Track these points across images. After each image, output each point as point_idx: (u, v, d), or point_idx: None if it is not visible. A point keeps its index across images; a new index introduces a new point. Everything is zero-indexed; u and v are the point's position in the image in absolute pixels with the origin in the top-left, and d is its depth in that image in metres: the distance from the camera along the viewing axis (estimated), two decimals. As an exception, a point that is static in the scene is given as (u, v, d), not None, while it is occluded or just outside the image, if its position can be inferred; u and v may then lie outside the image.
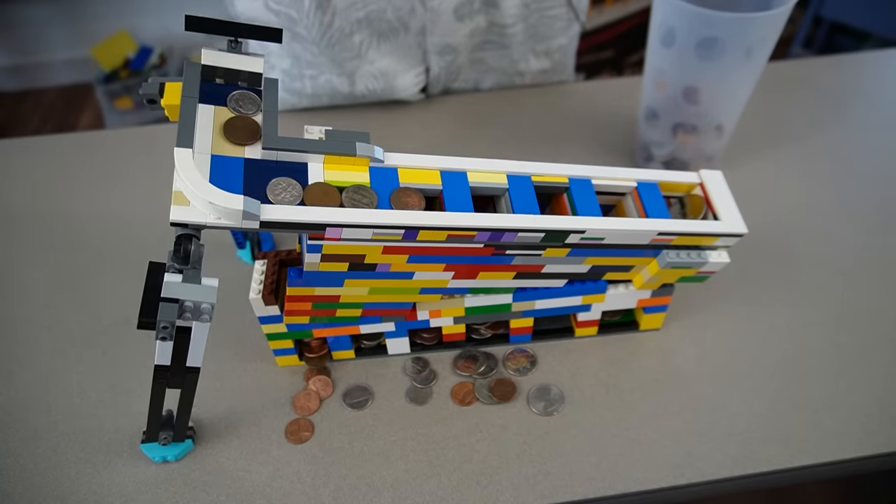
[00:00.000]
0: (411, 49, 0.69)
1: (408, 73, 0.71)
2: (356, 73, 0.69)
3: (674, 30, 0.54)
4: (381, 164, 0.40)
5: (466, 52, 0.71)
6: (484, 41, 0.71)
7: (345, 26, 0.65)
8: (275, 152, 0.37)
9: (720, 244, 0.45)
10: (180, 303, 0.33)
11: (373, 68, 0.69)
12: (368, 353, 0.50)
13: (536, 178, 0.43)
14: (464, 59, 0.72)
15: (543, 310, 0.49)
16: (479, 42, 0.71)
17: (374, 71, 0.69)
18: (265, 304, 0.44)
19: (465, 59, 0.72)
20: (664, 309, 0.50)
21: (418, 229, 0.38)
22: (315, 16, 0.64)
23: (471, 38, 0.69)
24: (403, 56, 0.69)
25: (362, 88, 0.71)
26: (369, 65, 0.69)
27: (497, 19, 0.68)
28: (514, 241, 0.41)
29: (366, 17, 0.64)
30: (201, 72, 0.38)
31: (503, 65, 0.74)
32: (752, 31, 0.51)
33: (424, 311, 0.47)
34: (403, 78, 0.71)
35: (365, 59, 0.68)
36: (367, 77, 0.70)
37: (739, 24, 0.51)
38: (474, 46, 0.71)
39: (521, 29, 0.71)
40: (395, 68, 0.70)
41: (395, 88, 0.71)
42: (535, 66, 0.75)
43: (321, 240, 0.37)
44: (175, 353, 0.37)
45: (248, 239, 0.57)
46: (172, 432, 0.43)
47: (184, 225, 0.34)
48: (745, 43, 0.52)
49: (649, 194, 0.45)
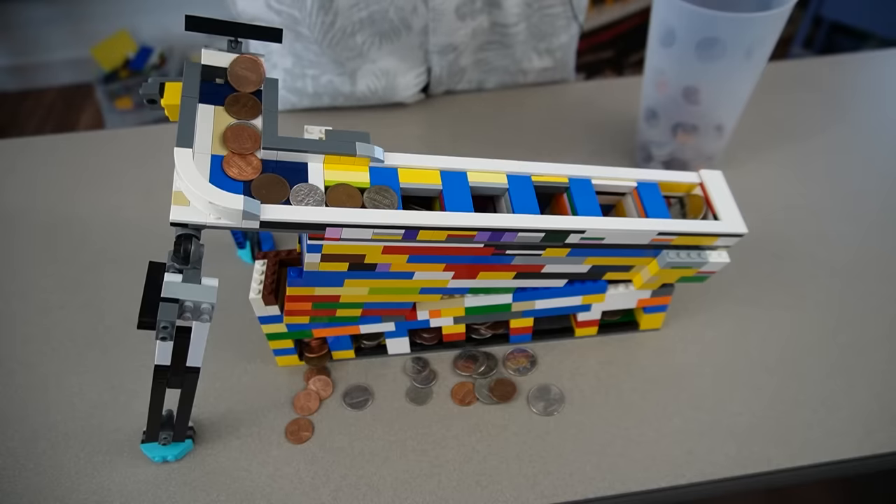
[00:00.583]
0: (413, 49, 0.69)
1: (409, 72, 0.71)
2: (358, 73, 0.70)
3: (674, 30, 0.54)
4: (381, 164, 0.40)
5: (469, 53, 0.71)
6: (487, 41, 0.71)
7: (347, 26, 0.65)
8: (274, 152, 0.37)
9: (720, 244, 0.45)
10: (180, 303, 0.33)
11: (374, 67, 0.69)
12: (368, 352, 0.50)
13: (536, 178, 0.43)
14: (467, 60, 0.72)
15: (543, 310, 0.49)
16: (481, 42, 0.71)
17: (375, 70, 0.69)
18: (265, 304, 0.44)
19: (469, 60, 0.72)
20: (664, 309, 0.50)
21: (418, 229, 0.38)
22: (317, 16, 0.64)
23: (473, 38, 0.69)
24: (405, 56, 0.69)
25: (364, 88, 0.71)
26: (371, 64, 0.69)
27: (499, 19, 0.68)
28: (514, 241, 0.41)
29: (368, 17, 0.64)
30: (201, 72, 0.38)
31: (506, 64, 0.74)
32: (752, 31, 0.51)
33: (424, 311, 0.47)
34: (405, 77, 0.71)
35: (367, 59, 0.68)
36: (369, 76, 0.70)
37: (739, 24, 0.51)
38: (477, 47, 0.71)
39: (524, 28, 0.71)
40: (397, 68, 0.70)
41: (397, 88, 0.71)
42: (537, 64, 0.75)
43: (321, 240, 0.37)
44: (175, 353, 0.37)
45: (248, 239, 0.57)
46: (172, 432, 0.43)
47: (184, 225, 0.34)
48: (745, 43, 0.52)
49: (649, 194, 0.45)
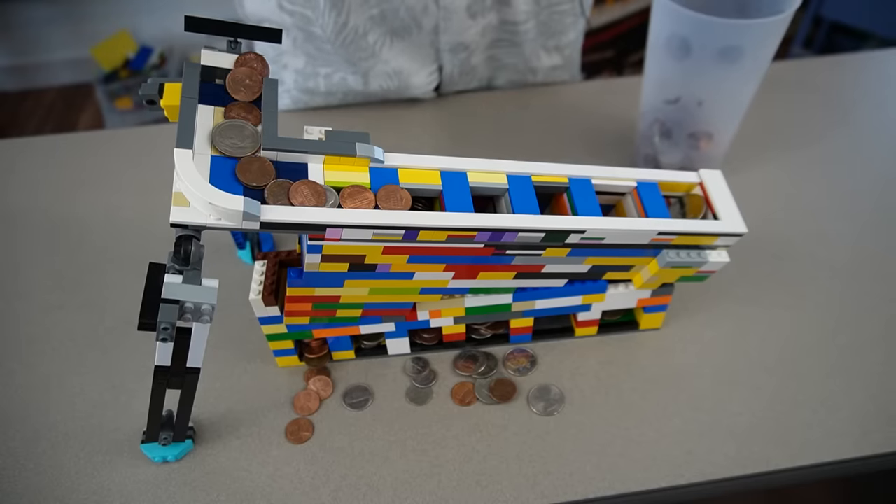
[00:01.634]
0: (424, 48, 0.69)
1: (421, 71, 0.71)
2: (370, 73, 0.70)
3: (673, 36, 0.54)
4: (381, 164, 0.40)
5: (480, 51, 0.71)
6: (496, 39, 0.71)
7: (359, 25, 0.65)
8: (274, 153, 0.37)
9: (720, 244, 0.45)
10: (181, 304, 0.33)
11: (387, 67, 0.70)
12: (368, 353, 0.50)
13: (536, 178, 0.43)
14: (478, 59, 0.72)
15: (543, 310, 0.49)
16: (491, 40, 0.71)
17: (388, 70, 0.70)
18: (265, 304, 0.44)
19: (480, 58, 0.72)
20: (664, 308, 0.50)
21: (418, 229, 0.38)
22: (330, 15, 0.64)
23: (483, 37, 0.69)
24: (417, 55, 0.69)
25: (376, 87, 0.71)
26: (383, 64, 0.69)
27: (509, 17, 0.69)
28: (515, 241, 0.41)
29: (380, 14, 0.65)
30: (201, 72, 0.38)
31: (515, 62, 0.74)
32: (764, 35, 0.51)
33: (424, 312, 0.47)
34: (417, 77, 0.71)
35: (379, 59, 0.69)
36: (382, 76, 0.70)
37: (739, 29, 0.51)
38: (487, 45, 0.71)
39: (533, 26, 0.71)
40: (409, 67, 0.70)
41: (410, 87, 0.72)
42: (546, 62, 0.76)
43: (321, 240, 0.37)
44: (175, 354, 0.37)
45: (248, 239, 0.57)
46: (172, 432, 0.43)
47: (184, 226, 0.34)
48: (756, 48, 0.52)
49: (649, 194, 0.45)
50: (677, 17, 0.53)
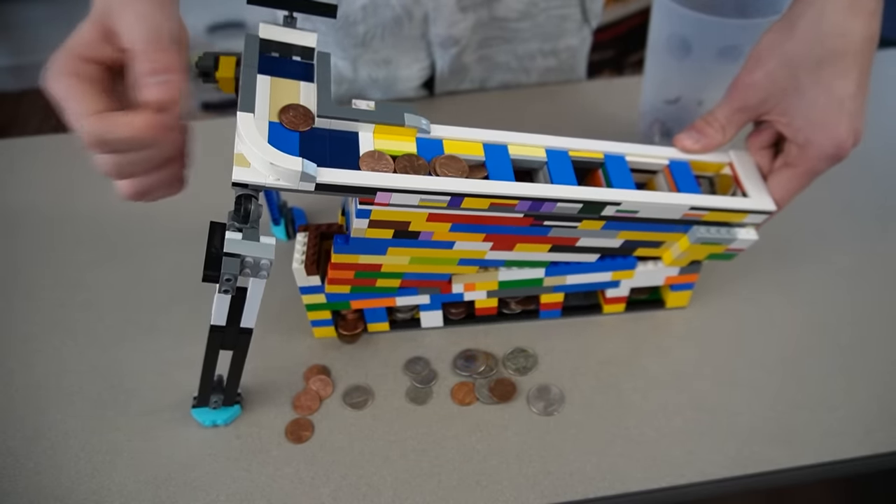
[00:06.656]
0: (415, 40, 0.69)
1: (412, 65, 0.71)
2: (359, 60, 0.70)
3: (673, 35, 0.54)
4: (427, 134, 0.41)
5: (471, 49, 0.71)
6: (488, 37, 0.71)
7: (350, 14, 0.65)
8: (328, 121, 0.38)
9: (748, 221, 0.46)
10: (241, 258, 0.34)
11: (376, 57, 0.70)
12: (402, 325, 0.51)
13: (573, 154, 0.44)
14: (469, 57, 0.72)
15: (574, 285, 0.50)
16: (483, 38, 0.71)
17: (377, 59, 0.70)
18: (307, 274, 0.45)
19: (472, 57, 0.72)
20: (691, 287, 0.51)
21: (464, 196, 0.39)
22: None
23: (474, 33, 0.69)
24: (408, 48, 0.70)
25: (365, 76, 0.71)
26: (373, 53, 0.69)
27: (500, 13, 0.69)
28: (553, 212, 0.42)
29: (371, 2, 0.65)
30: (259, 45, 0.40)
31: (507, 59, 0.74)
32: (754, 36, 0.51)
33: (459, 285, 0.48)
34: (408, 70, 0.71)
35: (369, 48, 0.69)
36: (370, 65, 0.71)
37: (739, 29, 0.51)
38: (479, 43, 0.71)
39: (528, 26, 0.71)
40: (399, 59, 0.70)
41: (398, 79, 0.72)
42: (541, 64, 0.75)
43: (371, 204, 0.39)
44: (230, 313, 0.38)
45: (283, 216, 0.57)
46: (223, 396, 0.44)
47: (244, 185, 0.35)
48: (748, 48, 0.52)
49: (681, 172, 0.46)
50: (677, 17, 0.53)
